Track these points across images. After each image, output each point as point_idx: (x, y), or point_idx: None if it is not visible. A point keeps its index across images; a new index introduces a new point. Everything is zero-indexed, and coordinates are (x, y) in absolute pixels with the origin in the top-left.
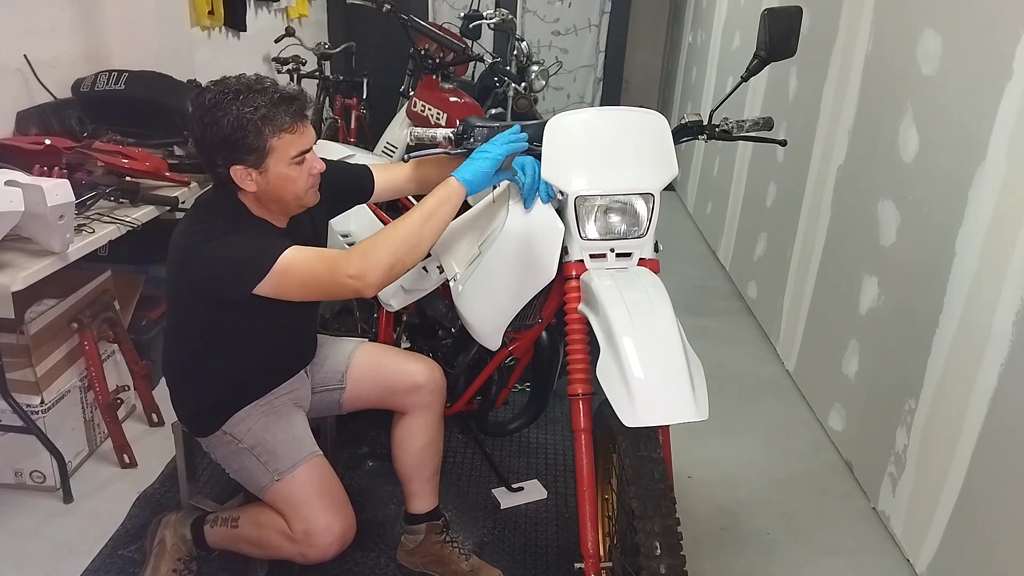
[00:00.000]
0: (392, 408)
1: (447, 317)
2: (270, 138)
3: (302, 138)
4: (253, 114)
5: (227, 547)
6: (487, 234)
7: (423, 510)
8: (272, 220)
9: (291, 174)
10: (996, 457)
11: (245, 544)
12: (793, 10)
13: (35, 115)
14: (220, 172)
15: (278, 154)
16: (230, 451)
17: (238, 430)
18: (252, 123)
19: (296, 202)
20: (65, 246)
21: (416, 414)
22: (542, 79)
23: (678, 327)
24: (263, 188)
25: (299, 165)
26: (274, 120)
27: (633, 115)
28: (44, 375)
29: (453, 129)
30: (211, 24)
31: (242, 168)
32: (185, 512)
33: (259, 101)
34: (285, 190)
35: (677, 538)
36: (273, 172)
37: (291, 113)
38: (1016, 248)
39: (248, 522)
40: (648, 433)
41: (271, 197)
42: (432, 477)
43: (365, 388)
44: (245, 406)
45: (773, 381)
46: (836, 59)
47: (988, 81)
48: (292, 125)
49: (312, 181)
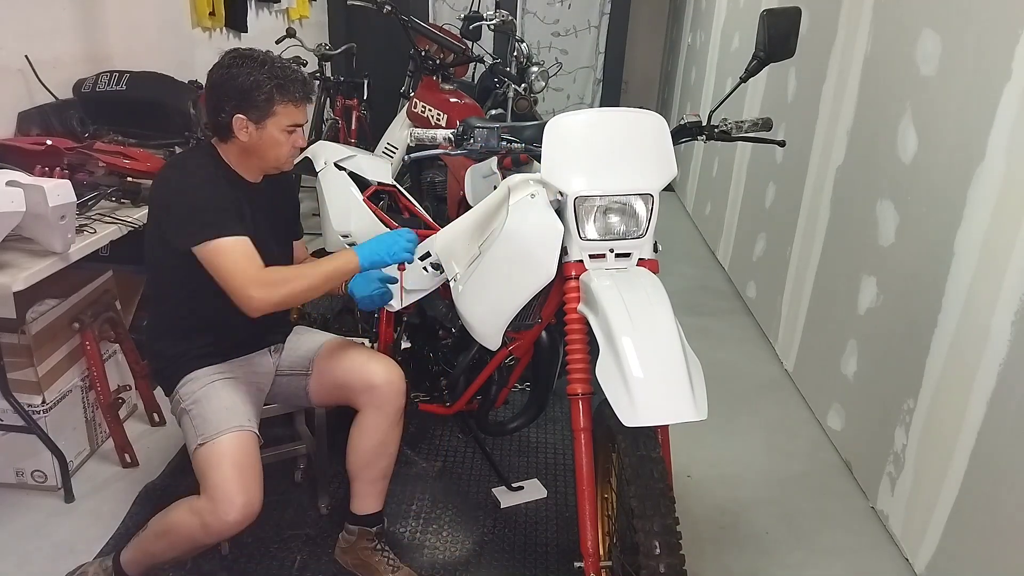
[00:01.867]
0: (350, 405)
1: (447, 317)
2: (277, 104)
3: (300, 114)
4: (270, 80)
5: (141, 560)
6: (487, 234)
7: (362, 512)
8: (244, 174)
9: (280, 139)
10: (995, 456)
11: (152, 540)
12: (792, 11)
13: (36, 115)
14: (223, 118)
15: (277, 119)
16: (178, 411)
17: (185, 390)
18: (268, 87)
19: (274, 163)
20: (66, 246)
21: (369, 413)
22: (542, 80)
23: (677, 327)
24: (253, 142)
25: (289, 135)
26: (286, 91)
27: (632, 116)
28: (45, 375)
29: (453, 130)
30: (212, 25)
31: (244, 119)
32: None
33: (278, 72)
34: (270, 150)
35: (676, 537)
36: (267, 132)
37: (300, 92)
38: (1015, 248)
39: (155, 519)
40: (647, 433)
41: (255, 152)
42: (377, 480)
43: (327, 380)
44: (197, 369)
45: (772, 381)
46: (835, 60)
47: (987, 81)
48: (298, 101)
49: (292, 152)
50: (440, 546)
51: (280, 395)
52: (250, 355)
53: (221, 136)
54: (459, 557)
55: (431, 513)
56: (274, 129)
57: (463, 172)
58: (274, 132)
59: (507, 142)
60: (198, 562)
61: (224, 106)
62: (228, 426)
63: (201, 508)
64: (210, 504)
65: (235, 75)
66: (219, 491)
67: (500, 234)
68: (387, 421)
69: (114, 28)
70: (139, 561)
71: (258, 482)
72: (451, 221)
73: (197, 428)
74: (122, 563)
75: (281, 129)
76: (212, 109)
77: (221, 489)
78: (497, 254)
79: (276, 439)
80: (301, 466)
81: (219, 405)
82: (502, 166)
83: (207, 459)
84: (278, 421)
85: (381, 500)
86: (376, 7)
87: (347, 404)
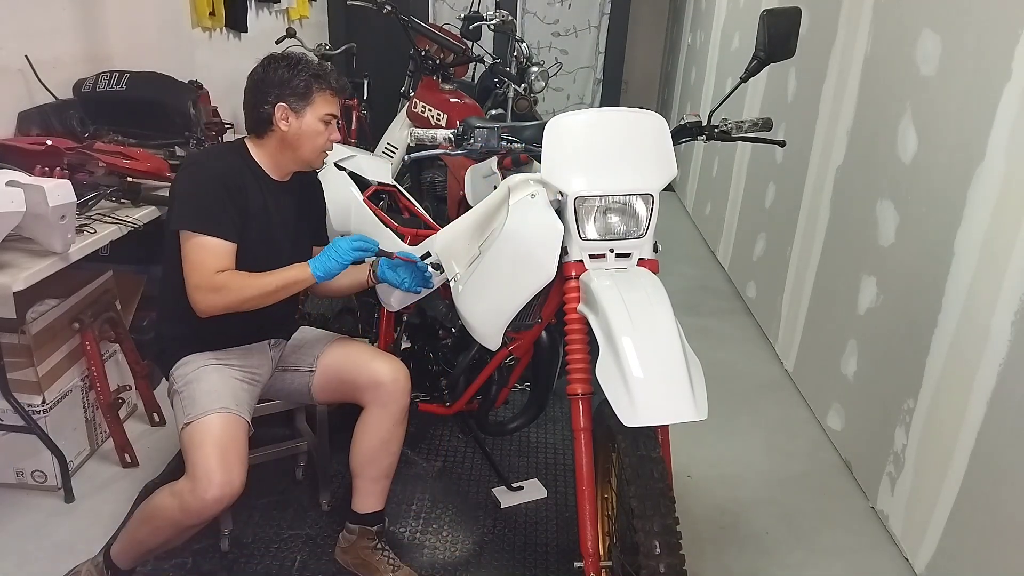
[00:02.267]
0: (355, 402)
1: (447, 317)
2: (316, 92)
3: (335, 104)
4: (307, 71)
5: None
6: (487, 234)
7: (363, 510)
8: (273, 173)
9: (319, 128)
10: (995, 456)
11: (137, 526)
12: (792, 11)
13: (36, 115)
14: (265, 110)
15: (315, 107)
16: (171, 392)
17: (179, 372)
18: (305, 76)
19: (310, 155)
20: (66, 246)
21: (373, 411)
22: (542, 80)
23: (677, 327)
24: (293, 131)
25: (326, 125)
26: (321, 81)
27: (632, 116)
28: (45, 375)
29: (453, 130)
30: (212, 25)
31: (286, 107)
32: None
33: (313, 67)
34: (308, 140)
35: (676, 537)
36: (307, 121)
37: (336, 82)
38: (1015, 248)
39: (139, 507)
40: (647, 433)
41: (293, 143)
42: (379, 479)
43: (332, 377)
44: (193, 353)
45: (772, 381)
46: (835, 60)
47: (987, 81)
48: (333, 90)
49: (328, 144)
50: (440, 546)
51: (283, 391)
52: (248, 346)
53: (260, 132)
54: (459, 557)
55: (431, 513)
56: (312, 117)
57: (463, 172)
58: (312, 121)
59: (507, 142)
60: (198, 562)
61: (266, 98)
62: (214, 407)
63: (181, 488)
64: (190, 483)
65: (274, 69)
66: (199, 469)
67: (500, 234)
68: (391, 419)
69: (114, 28)
70: (127, 551)
71: (240, 464)
72: (451, 221)
73: (185, 408)
74: (112, 556)
75: (319, 118)
76: (253, 105)
77: (201, 467)
78: (497, 254)
79: (276, 437)
80: (301, 463)
81: (208, 388)
82: (502, 166)
83: (191, 438)
84: (278, 419)
85: (383, 499)
86: (376, 7)
87: (351, 401)
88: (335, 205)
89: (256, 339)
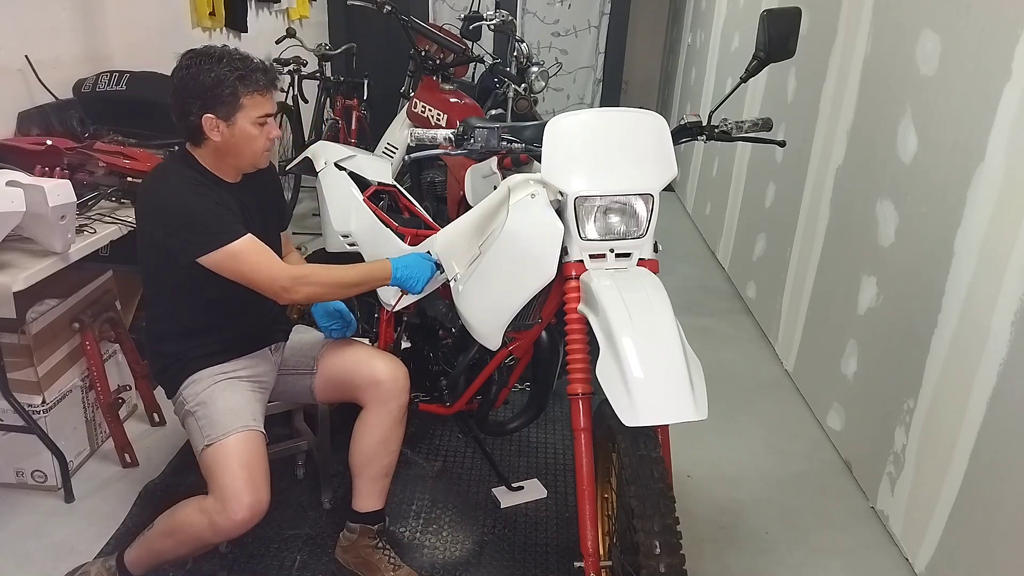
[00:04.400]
0: (355, 401)
1: (447, 317)
2: (243, 96)
3: (268, 103)
4: (231, 73)
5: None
6: (487, 234)
7: (363, 509)
8: (224, 176)
9: (253, 132)
10: (995, 456)
11: (159, 538)
12: (792, 11)
13: (36, 116)
14: (192, 121)
15: (246, 112)
16: (182, 413)
17: (188, 392)
18: (230, 80)
19: (251, 159)
20: (66, 246)
21: (373, 410)
22: (542, 80)
23: (677, 327)
24: (227, 140)
25: (261, 126)
26: (248, 81)
27: (632, 116)
28: (45, 375)
29: (453, 130)
30: (212, 25)
31: (213, 118)
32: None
33: (238, 65)
34: (245, 146)
35: (676, 537)
36: (239, 127)
37: (264, 80)
38: (1015, 248)
39: (162, 518)
40: (647, 432)
41: (230, 151)
42: (379, 478)
43: (332, 377)
44: (200, 370)
45: (772, 381)
46: (835, 60)
47: (987, 81)
48: (263, 89)
49: (268, 144)
50: (440, 546)
51: (285, 393)
52: (252, 354)
53: (194, 140)
54: (459, 557)
55: (431, 513)
56: (245, 123)
57: (463, 172)
58: (245, 126)
59: (507, 142)
60: (198, 562)
61: (191, 108)
62: (235, 426)
63: (209, 508)
64: (219, 504)
65: (195, 74)
66: (228, 490)
67: (500, 234)
68: (391, 418)
69: (114, 28)
70: (144, 560)
71: (266, 481)
72: (451, 221)
73: (203, 429)
74: (126, 563)
75: (252, 121)
76: (180, 114)
77: (230, 488)
78: (497, 254)
79: (276, 437)
80: (300, 463)
81: (224, 406)
82: (502, 166)
83: (215, 459)
84: (278, 419)
85: (383, 498)
86: (376, 7)
87: (351, 400)
88: (335, 205)
89: (261, 345)
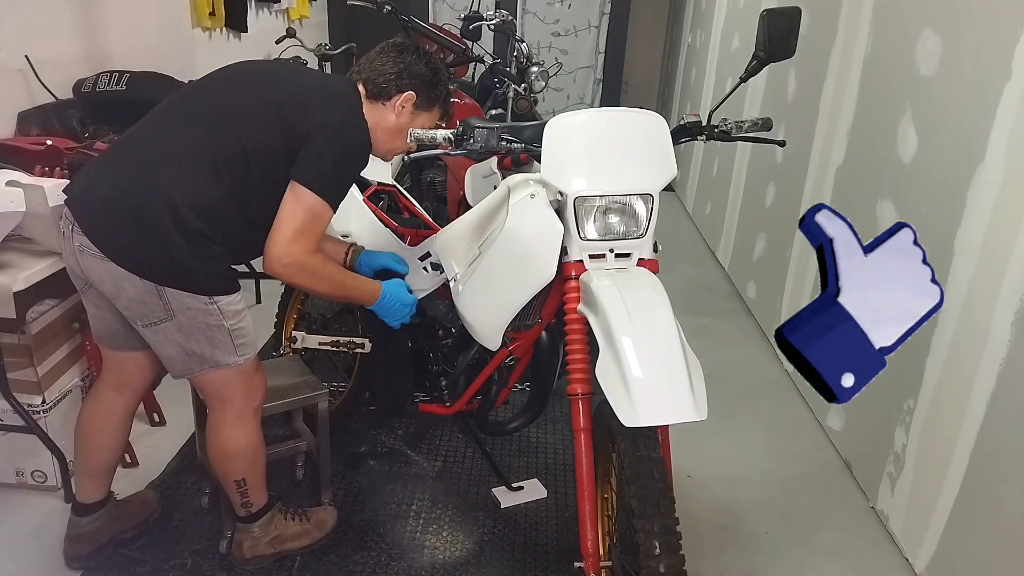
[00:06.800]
0: None
1: (447, 317)
2: (436, 105)
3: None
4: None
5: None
6: (487, 234)
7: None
8: None
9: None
10: (995, 456)
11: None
12: (792, 11)
13: (36, 116)
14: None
15: (427, 116)
16: (207, 323)
17: (229, 310)
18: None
19: (386, 146)
20: None
21: None
22: (542, 80)
23: (677, 327)
24: (395, 121)
25: None
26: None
27: (632, 116)
28: (45, 375)
29: (453, 130)
30: (212, 25)
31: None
32: None
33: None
34: (396, 137)
35: (676, 537)
36: (412, 120)
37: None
38: (1015, 248)
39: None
40: (647, 433)
41: (383, 129)
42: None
43: None
44: (235, 292)
45: (772, 381)
46: (835, 60)
47: (987, 81)
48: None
49: (402, 150)
50: (440, 546)
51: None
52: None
53: (374, 96)
54: (459, 557)
55: (431, 513)
56: (418, 122)
57: (463, 172)
58: (415, 124)
59: (507, 142)
60: (197, 563)
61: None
62: (256, 350)
63: (241, 399)
64: (257, 392)
65: (432, 62)
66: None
67: (500, 234)
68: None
69: (114, 28)
70: (259, 487)
71: None
72: (451, 221)
73: (239, 349)
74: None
75: (420, 125)
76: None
77: (256, 380)
78: (497, 254)
79: (276, 437)
80: (300, 463)
81: (252, 331)
82: (502, 166)
83: (244, 370)
84: (278, 419)
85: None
86: (376, 7)
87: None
88: None
89: None
